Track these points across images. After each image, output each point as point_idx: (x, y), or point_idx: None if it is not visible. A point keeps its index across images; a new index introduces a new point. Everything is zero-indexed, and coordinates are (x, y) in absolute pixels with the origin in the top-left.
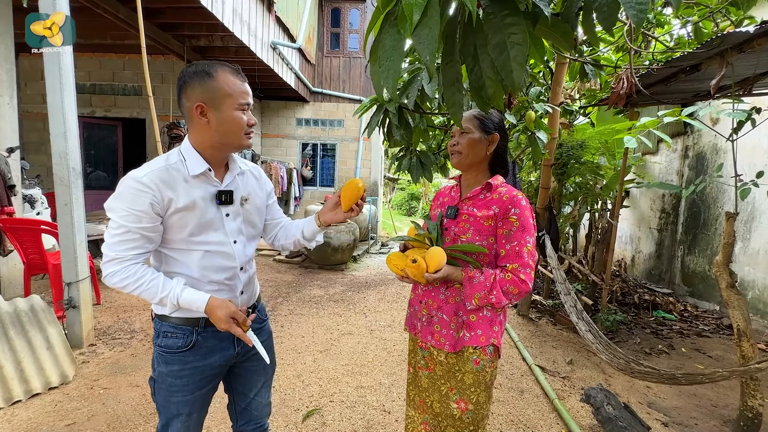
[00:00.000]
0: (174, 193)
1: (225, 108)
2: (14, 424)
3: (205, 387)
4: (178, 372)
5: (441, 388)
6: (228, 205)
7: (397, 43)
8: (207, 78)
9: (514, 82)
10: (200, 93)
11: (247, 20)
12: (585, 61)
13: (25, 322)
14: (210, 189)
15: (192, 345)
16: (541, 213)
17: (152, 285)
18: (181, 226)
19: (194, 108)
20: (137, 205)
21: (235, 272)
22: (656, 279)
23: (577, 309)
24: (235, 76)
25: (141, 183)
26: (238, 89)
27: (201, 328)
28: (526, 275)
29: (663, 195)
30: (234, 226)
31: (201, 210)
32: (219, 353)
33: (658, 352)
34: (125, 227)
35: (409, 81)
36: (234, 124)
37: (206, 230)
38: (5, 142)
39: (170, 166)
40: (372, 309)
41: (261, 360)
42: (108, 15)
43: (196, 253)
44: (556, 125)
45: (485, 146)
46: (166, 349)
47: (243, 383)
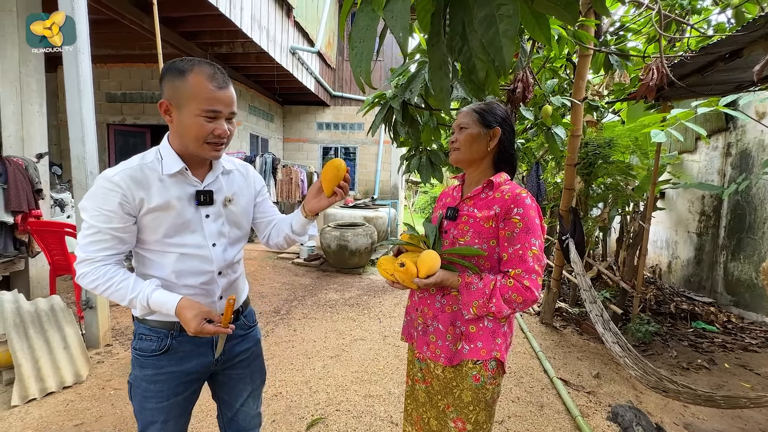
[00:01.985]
0: (146, 193)
1: (186, 111)
2: (26, 422)
3: (181, 394)
4: (152, 377)
5: (438, 404)
6: (208, 205)
7: (371, 23)
8: (178, 76)
9: (504, 59)
10: (168, 90)
11: (266, 26)
12: (609, 51)
13: (44, 321)
14: (188, 189)
15: (166, 349)
16: (565, 215)
17: (122, 286)
18: (155, 227)
19: (159, 105)
20: (107, 204)
21: (212, 276)
22: (695, 287)
23: (604, 318)
24: (209, 79)
25: (111, 182)
26: (205, 94)
27: (176, 332)
28: (531, 282)
29: (702, 196)
30: (214, 228)
31: (177, 210)
32: (196, 359)
33: (697, 367)
34: (95, 227)
35: (414, 75)
36: (191, 130)
37: (182, 232)
38: (35, 149)
39: (145, 165)
40: (387, 314)
41: (247, 368)
42: (134, 25)
43: (171, 255)
44: (579, 122)
45: (485, 142)
46: (140, 351)
47: (228, 392)
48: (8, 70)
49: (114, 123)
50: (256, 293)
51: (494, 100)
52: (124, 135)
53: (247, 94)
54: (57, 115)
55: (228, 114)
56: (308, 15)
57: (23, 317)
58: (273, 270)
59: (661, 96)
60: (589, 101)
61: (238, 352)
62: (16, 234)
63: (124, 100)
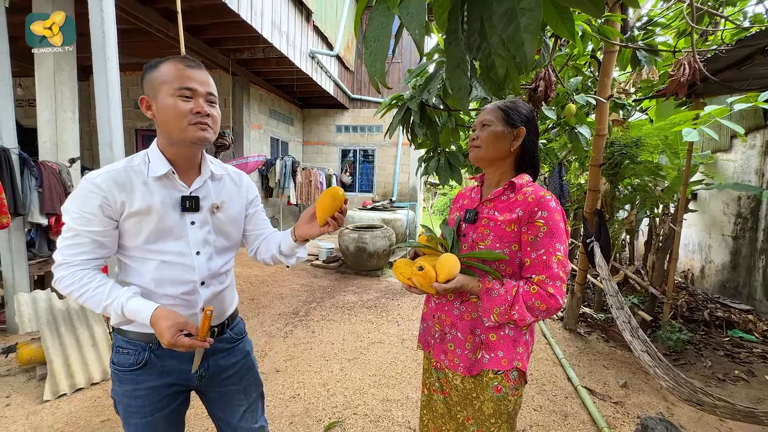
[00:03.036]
0: (128, 196)
1: (161, 96)
2: (57, 416)
3: (165, 408)
4: (132, 392)
5: (457, 416)
6: (193, 212)
7: (386, 21)
8: (152, 69)
9: (525, 55)
10: (146, 86)
11: (286, 31)
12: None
13: (74, 319)
14: (173, 193)
15: (144, 363)
16: (590, 218)
17: (97, 292)
18: (136, 233)
19: (140, 101)
20: (87, 206)
21: (195, 286)
22: (731, 293)
23: (632, 325)
24: (180, 62)
25: (93, 184)
26: (176, 73)
27: (155, 345)
28: (555, 288)
29: (739, 197)
30: (199, 235)
31: (159, 216)
32: (177, 373)
33: (735, 378)
34: (74, 230)
35: (432, 75)
36: (170, 112)
37: (164, 238)
38: (68, 154)
39: (131, 167)
40: (405, 317)
41: (238, 383)
42: (160, 34)
43: (151, 263)
44: (604, 121)
45: (509, 141)
46: (118, 366)
47: (222, 409)
48: (44, 79)
49: (141, 128)
50: (276, 294)
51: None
52: (150, 139)
53: (268, 98)
54: (89, 122)
55: (205, 93)
56: (327, 19)
57: (55, 315)
58: (292, 271)
59: (693, 93)
60: (615, 99)
61: (225, 366)
62: (50, 235)
63: None
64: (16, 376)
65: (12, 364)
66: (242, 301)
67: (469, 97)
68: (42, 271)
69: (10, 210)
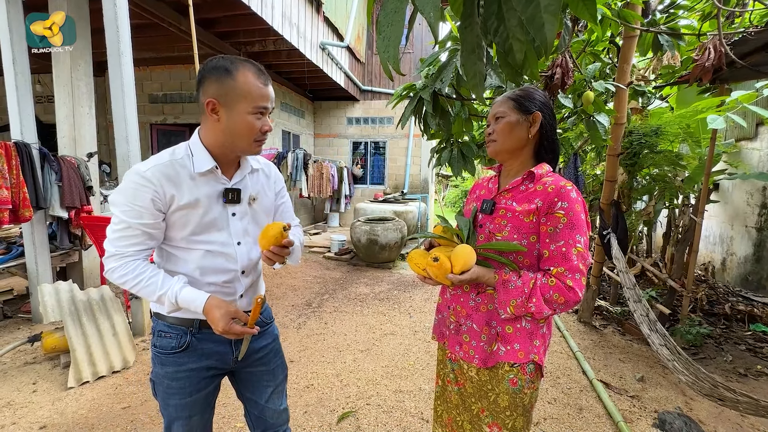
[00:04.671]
0: (177, 190)
1: (238, 109)
2: (81, 402)
3: (203, 390)
4: (174, 374)
5: (472, 408)
6: (235, 204)
7: (400, 5)
8: (225, 74)
9: (546, 37)
10: (216, 89)
11: (296, 23)
12: (659, 30)
13: (95, 310)
14: (217, 187)
15: (186, 346)
16: (606, 209)
17: (151, 282)
18: (183, 224)
19: (206, 103)
20: (138, 200)
21: (236, 275)
22: (754, 286)
23: (650, 319)
24: (257, 76)
25: (143, 177)
26: (256, 91)
27: (195, 329)
28: (574, 281)
29: (764, 188)
30: (240, 226)
31: (204, 208)
32: (216, 356)
33: (757, 373)
34: (126, 223)
35: (445, 64)
36: (244, 128)
37: (209, 229)
38: (86, 148)
39: (176, 161)
40: (417, 309)
41: (267, 364)
42: (172, 28)
43: (197, 252)
44: (623, 108)
45: (526, 128)
46: (160, 349)
47: (251, 390)
48: (61, 75)
49: (156, 123)
50: (289, 286)
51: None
52: (165, 134)
53: (279, 91)
54: (106, 117)
55: (272, 110)
56: (337, 10)
57: (77, 305)
58: (305, 263)
59: (718, 78)
60: (635, 86)
61: (257, 348)
62: (70, 228)
63: (165, 101)
64: (42, 364)
65: (37, 353)
66: None
67: (484, 84)
68: (64, 263)
69: (32, 204)
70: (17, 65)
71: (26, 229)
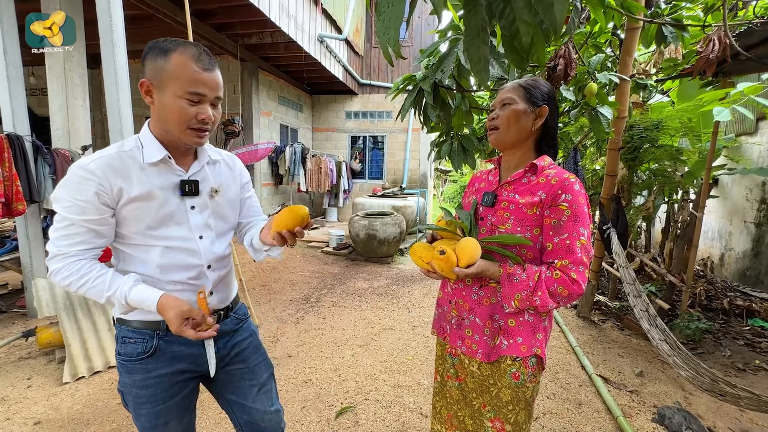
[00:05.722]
0: (125, 182)
1: (168, 92)
2: (76, 398)
3: (177, 395)
4: (142, 381)
5: (473, 403)
6: (193, 196)
7: None
8: (161, 54)
9: (555, 18)
10: (150, 70)
11: (294, 15)
12: (663, 22)
13: (91, 304)
14: (172, 178)
15: (153, 351)
16: (607, 204)
17: (98, 282)
18: (136, 219)
19: (140, 84)
20: (81, 194)
21: (201, 270)
22: (752, 281)
23: (650, 314)
24: (195, 60)
25: (86, 170)
26: (189, 75)
27: (162, 331)
28: (578, 274)
29: (763, 183)
30: (200, 219)
31: (160, 201)
32: (188, 359)
33: (755, 368)
34: (69, 220)
35: (446, 54)
36: (173, 112)
37: (167, 223)
38: (80, 141)
39: (124, 153)
40: (416, 304)
41: (246, 361)
42: (168, 19)
43: (155, 249)
44: (625, 101)
45: (531, 120)
46: (125, 357)
47: (233, 391)
48: (54, 67)
49: None
50: (287, 281)
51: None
52: None
53: (277, 84)
54: (101, 110)
55: (213, 98)
56: (336, 2)
57: (72, 300)
58: (303, 258)
59: (721, 71)
60: (637, 79)
61: (231, 346)
62: None
63: None
64: (37, 359)
65: (32, 348)
66: (254, 287)
67: (489, 70)
68: None
69: (26, 197)
70: (8, 55)
71: (20, 223)
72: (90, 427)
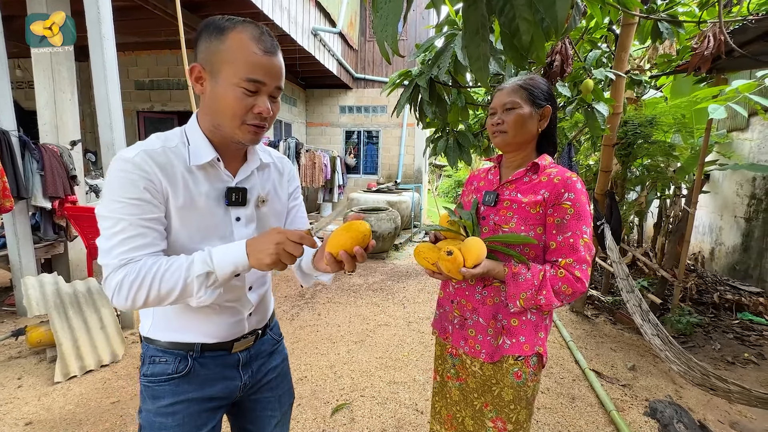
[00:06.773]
0: (170, 183)
1: (222, 78)
2: (68, 398)
3: (204, 426)
4: (169, 407)
5: (474, 403)
6: (240, 206)
7: None
8: (215, 34)
9: (557, 15)
10: (203, 52)
11: (287, 7)
12: (659, 18)
13: (82, 302)
14: (218, 185)
15: (186, 371)
16: (601, 199)
17: (171, 264)
18: (176, 230)
19: (190, 70)
20: (132, 191)
21: (242, 293)
22: (741, 275)
23: (642, 309)
24: (255, 41)
25: (131, 164)
26: (247, 57)
27: (197, 352)
28: (582, 272)
29: (753, 178)
30: (245, 234)
31: (202, 211)
32: (222, 383)
33: (744, 361)
34: (125, 221)
35: (442, 49)
36: (226, 102)
37: (209, 237)
38: (69, 136)
39: (168, 149)
40: (411, 300)
41: (275, 389)
42: (157, 11)
43: None
44: (620, 97)
45: (536, 122)
46: (152, 378)
47: (252, 421)
48: (41, 60)
49: (143, 110)
50: (281, 277)
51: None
52: (153, 122)
53: None
54: (90, 104)
55: (273, 89)
56: None
57: (63, 298)
58: None
59: (715, 67)
60: (632, 75)
61: (266, 371)
62: (54, 219)
63: (152, 87)
64: (27, 358)
65: (23, 347)
66: None
67: (489, 68)
68: (48, 255)
69: (13, 193)
70: None
71: (8, 220)
72: (82, 428)
